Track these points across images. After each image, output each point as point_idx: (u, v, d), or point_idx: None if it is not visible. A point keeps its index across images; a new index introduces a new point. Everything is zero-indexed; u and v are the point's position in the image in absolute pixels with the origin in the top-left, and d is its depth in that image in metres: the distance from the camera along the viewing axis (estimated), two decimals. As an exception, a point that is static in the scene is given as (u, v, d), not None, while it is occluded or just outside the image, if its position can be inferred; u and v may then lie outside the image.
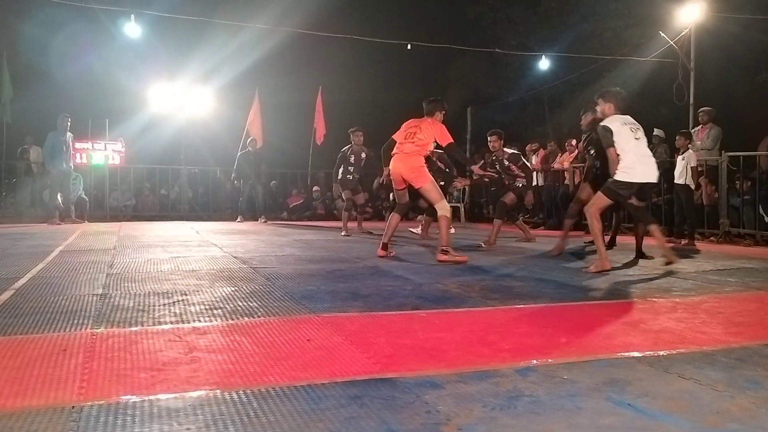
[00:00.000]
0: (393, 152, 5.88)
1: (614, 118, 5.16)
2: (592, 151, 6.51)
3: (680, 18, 10.88)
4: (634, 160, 5.01)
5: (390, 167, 5.93)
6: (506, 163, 7.50)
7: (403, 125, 5.92)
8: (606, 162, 5.35)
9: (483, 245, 7.06)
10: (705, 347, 2.69)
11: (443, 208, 5.69)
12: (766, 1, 13.22)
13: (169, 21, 12.98)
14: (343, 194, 9.22)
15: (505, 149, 7.68)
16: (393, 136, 5.95)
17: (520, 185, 7.50)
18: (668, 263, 5.31)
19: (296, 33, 14.22)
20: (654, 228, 5.43)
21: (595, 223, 5.14)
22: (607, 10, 16.65)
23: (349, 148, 8.99)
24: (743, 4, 13.05)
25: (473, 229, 10.43)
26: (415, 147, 5.73)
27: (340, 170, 9.03)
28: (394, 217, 6.07)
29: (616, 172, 5.05)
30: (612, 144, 5.03)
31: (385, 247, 5.96)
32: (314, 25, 13.95)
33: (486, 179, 8.06)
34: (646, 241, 6.10)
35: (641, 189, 5.22)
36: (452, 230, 9.13)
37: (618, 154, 5.02)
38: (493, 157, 7.69)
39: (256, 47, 14.93)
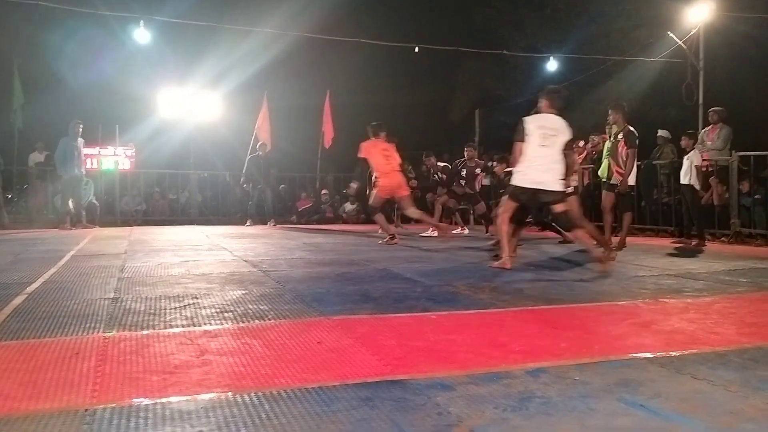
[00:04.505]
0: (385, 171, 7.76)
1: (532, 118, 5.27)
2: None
3: (689, 18, 10.84)
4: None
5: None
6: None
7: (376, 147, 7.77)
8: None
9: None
10: (718, 348, 2.67)
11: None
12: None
13: (178, 27, 13.06)
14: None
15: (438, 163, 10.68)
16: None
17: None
18: (602, 270, 4.91)
19: (304, 37, 14.27)
20: (580, 233, 5.20)
21: None
22: (614, 10, 16.57)
23: (462, 162, 9.76)
24: (753, 3, 12.95)
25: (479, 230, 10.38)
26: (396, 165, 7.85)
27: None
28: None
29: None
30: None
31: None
32: (322, 28, 13.99)
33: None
34: (653, 241, 6.06)
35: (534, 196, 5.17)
36: (467, 230, 9.68)
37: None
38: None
39: (265, 52, 14.98)
